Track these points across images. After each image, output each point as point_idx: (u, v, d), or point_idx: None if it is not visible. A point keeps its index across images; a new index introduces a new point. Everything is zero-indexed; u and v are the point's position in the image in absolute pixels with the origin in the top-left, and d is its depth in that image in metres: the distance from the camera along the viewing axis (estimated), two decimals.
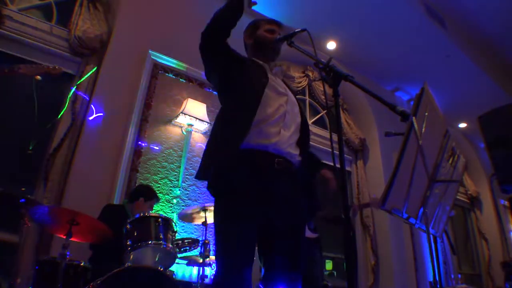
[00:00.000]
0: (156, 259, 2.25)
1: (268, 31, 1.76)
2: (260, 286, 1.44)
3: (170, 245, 2.20)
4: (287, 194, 1.46)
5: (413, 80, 5.80)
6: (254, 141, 1.43)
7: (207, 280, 2.65)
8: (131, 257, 2.13)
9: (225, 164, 1.39)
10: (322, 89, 5.28)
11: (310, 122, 5.26)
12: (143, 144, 3.37)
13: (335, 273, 4.63)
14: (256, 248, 1.46)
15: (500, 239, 6.64)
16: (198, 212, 2.76)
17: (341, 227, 1.05)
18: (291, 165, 1.51)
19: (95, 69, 3.34)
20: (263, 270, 1.45)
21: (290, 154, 1.50)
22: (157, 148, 3.46)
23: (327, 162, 2.30)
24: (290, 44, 1.61)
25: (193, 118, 3.59)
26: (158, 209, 3.24)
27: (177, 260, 2.48)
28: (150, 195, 2.74)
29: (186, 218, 2.85)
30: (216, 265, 1.37)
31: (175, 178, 3.48)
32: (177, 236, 2.61)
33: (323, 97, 5.26)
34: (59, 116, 3.16)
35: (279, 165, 1.45)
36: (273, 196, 1.42)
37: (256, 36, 1.77)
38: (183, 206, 3.38)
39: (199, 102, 3.76)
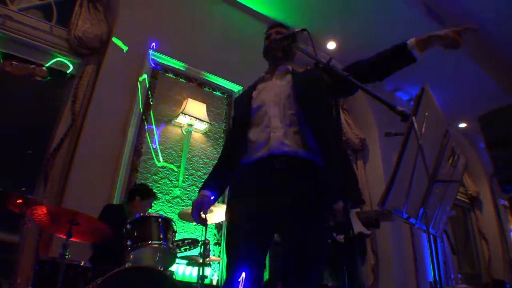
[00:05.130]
0: (156, 259, 2.25)
1: (266, 38, 1.78)
2: None
3: (170, 245, 2.20)
4: (293, 193, 1.40)
5: (413, 80, 5.79)
6: (250, 156, 1.51)
7: (207, 280, 2.64)
8: (131, 257, 2.13)
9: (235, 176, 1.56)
10: None
11: None
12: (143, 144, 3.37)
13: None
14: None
15: (500, 239, 6.64)
16: None
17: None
18: (298, 161, 1.45)
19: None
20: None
21: (290, 151, 1.44)
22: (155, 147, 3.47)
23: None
24: (290, 44, 1.61)
25: (193, 118, 3.59)
26: (158, 209, 3.25)
27: (177, 260, 2.48)
28: (146, 194, 2.74)
29: (186, 218, 2.85)
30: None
31: (175, 178, 3.48)
32: (177, 236, 2.61)
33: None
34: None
35: (281, 164, 1.43)
36: (277, 196, 1.41)
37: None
38: (183, 206, 3.38)
39: (199, 102, 3.76)
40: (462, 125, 7.01)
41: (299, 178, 1.42)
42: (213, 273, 3.34)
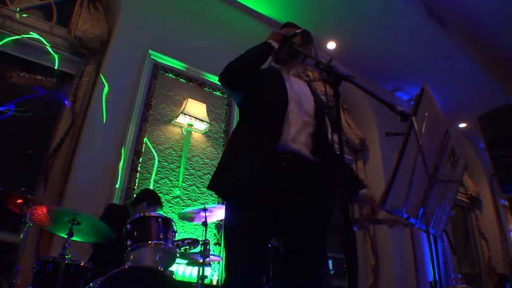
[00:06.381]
0: (156, 259, 2.25)
1: None
2: None
3: (170, 245, 2.20)
4: (299, 193, 1.40)
5: (413, 80, 5.80)
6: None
7: (207, 280, 2.64)
8: (131, 257, 2.13)
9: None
10: (322, 89, 5.26)
11: None
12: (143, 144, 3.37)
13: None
14: None
15: (500, 239, 6.64)
16: (198, 212, 2.76)
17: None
18: (306, 162, 1.46)
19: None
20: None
21: (300, 151, 1.45)
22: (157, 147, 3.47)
23: None
24: (290, 45, 1.62)
25: (193, 118, 3.59)
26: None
27: (177, 260, 2.48)
28: (152, 202, 2.71)
29: (186, 218, 2.85)
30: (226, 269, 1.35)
31: (175, 178, 3.48)
32: (177, 236, 2.61)
33: (323, 97, 5.25)
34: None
35: (287, 162, 1.41)
36: (285, 195, 1.39)
37: None
38: (183, 206, 3.38)
39: (199, 102, 3.76)
40: (462, 125, 7.01)
41: (307, 178, 1.44)
42: (213, 273, 3.34)
